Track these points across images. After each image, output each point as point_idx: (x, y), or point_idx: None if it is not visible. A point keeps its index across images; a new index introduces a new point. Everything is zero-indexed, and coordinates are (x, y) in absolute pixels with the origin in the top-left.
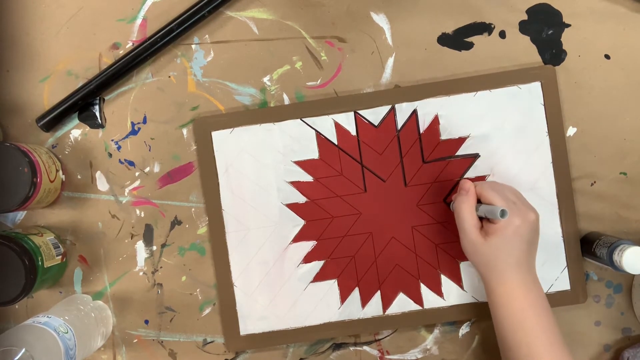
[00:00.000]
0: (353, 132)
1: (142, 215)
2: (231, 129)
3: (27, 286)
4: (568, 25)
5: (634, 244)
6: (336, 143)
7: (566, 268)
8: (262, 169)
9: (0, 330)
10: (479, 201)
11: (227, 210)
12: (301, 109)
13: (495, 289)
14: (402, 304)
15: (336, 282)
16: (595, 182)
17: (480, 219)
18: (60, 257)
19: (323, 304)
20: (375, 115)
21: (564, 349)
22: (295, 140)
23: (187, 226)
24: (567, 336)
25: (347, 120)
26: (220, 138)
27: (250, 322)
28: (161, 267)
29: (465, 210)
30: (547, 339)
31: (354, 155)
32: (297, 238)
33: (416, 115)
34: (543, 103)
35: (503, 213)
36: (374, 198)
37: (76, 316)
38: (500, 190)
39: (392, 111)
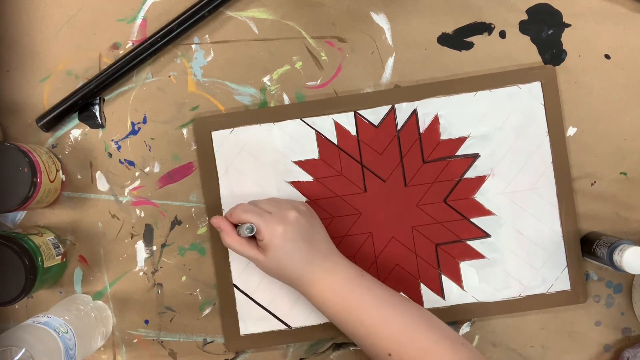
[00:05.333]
0: (353, 132)
1: (142, 215)
2: (231, 129)
3: (27, 286)
4: (568, 25)
5: (634, 244)
6: (336, 143)
7: (566, 268)
8: (262, 169)
9: (0, 330)
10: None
11: (227, 210)
12: (301, 109)
13: (307, 293)
14: None
15: None
16: (595, 182)
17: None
18: (60, 257)
19: None
20: (375, 115)
21: (394, 304)
22: (295, 140)
23: (187, 226)
24: (567, 336)
25: (347, 120)
26: (220, 138)
27: (250, 322)
28: (161, 267)
29: (231, 242)
30: (371, 306)
31: (354, 155)
32: None
33: (416, 115)
34: (543, 103)
35: (251, 229)
36: (374, 198)
37: (76, 316)
38: (252, 209)
39: (392, 111)
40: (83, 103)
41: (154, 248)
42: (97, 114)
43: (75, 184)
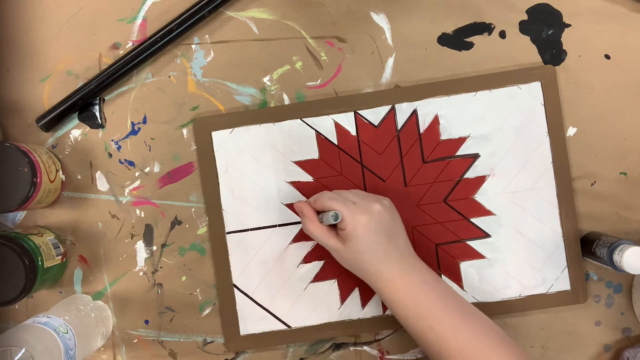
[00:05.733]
0: (353, 132)
1: (142, 215)
2: (231, 129)
3: (27, 286)
4: (568, 25)
5: (634, 244)
6: (336, 143)
7: (566, 268)
8: (262, 169)
9: (0, 330)
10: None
11: (227, 210)
12: (301, 109)
13: (381, 289)
14: None
15: (336, 282)
16: (595, 182)
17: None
18: (60, 257)
19: (323, 304)
20: (375, 115)
21: (467, 315)
22: (295, 140)
23: (187, 226)
24: (567, 336)
25: (347, 120)
26: (220, 138)
27: (250, 322)
28: (161, 267)
29: (312, 229)
30: (443, 313)
31: (354, 155)
32: (297, 238)
33: (416, 115)
34: (543, 103)
35: (336, 216)
36: None
37: (76, 316)
38: (337, 198)
39: (392, 111)
40: (83, 103)
41: (154, 248)
42: (97, 114)
43: (75, 184)
